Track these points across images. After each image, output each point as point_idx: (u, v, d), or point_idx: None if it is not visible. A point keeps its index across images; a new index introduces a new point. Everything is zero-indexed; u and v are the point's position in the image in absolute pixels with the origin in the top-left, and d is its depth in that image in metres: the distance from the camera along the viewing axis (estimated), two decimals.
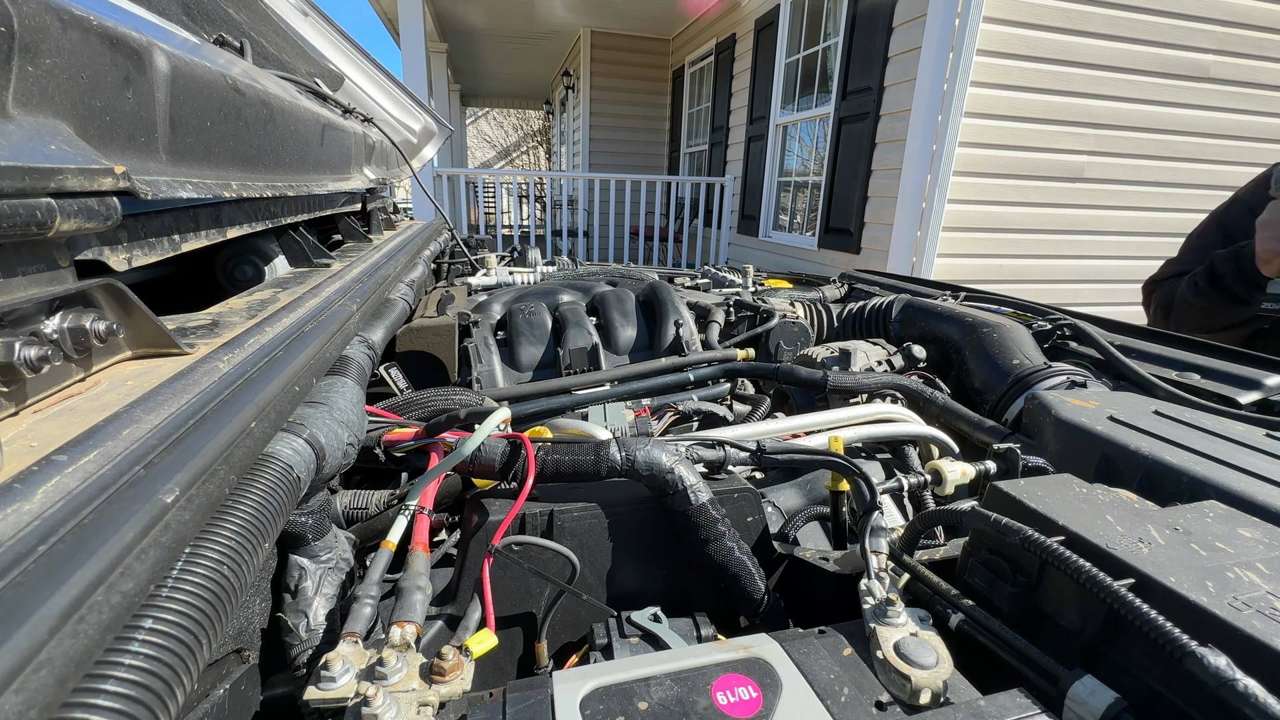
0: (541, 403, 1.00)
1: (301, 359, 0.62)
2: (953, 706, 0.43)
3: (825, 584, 0.64)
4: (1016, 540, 0.47)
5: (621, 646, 0.58)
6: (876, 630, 0.48)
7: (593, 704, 0.43)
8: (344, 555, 0.65)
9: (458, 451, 0.65)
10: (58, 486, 0.34)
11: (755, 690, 0.44)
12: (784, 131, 6.20)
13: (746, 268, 1.87)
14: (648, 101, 9.20)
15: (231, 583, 0.38)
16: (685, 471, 0.64)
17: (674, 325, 1.27)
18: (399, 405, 0.89)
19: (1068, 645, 0.47)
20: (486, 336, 1.22)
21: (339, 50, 2.27)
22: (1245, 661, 0.35)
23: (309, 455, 0.55)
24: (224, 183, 0.78)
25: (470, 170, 9.00)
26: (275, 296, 0.84)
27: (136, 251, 0.63)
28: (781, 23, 5.86)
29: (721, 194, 7.03)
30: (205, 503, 0.40)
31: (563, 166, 13.42)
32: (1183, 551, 0.45)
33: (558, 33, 8.80)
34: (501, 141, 22.32)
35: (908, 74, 4.13)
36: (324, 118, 1.29)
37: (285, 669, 0.58)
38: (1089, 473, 0.70)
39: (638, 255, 7.53)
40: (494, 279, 1.86)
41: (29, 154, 0.42)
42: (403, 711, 0.43)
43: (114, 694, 0.29)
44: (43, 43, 0.45)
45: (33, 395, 0.44)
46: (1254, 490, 0.58)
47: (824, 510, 0.83)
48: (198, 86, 0.71)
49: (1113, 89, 3.97)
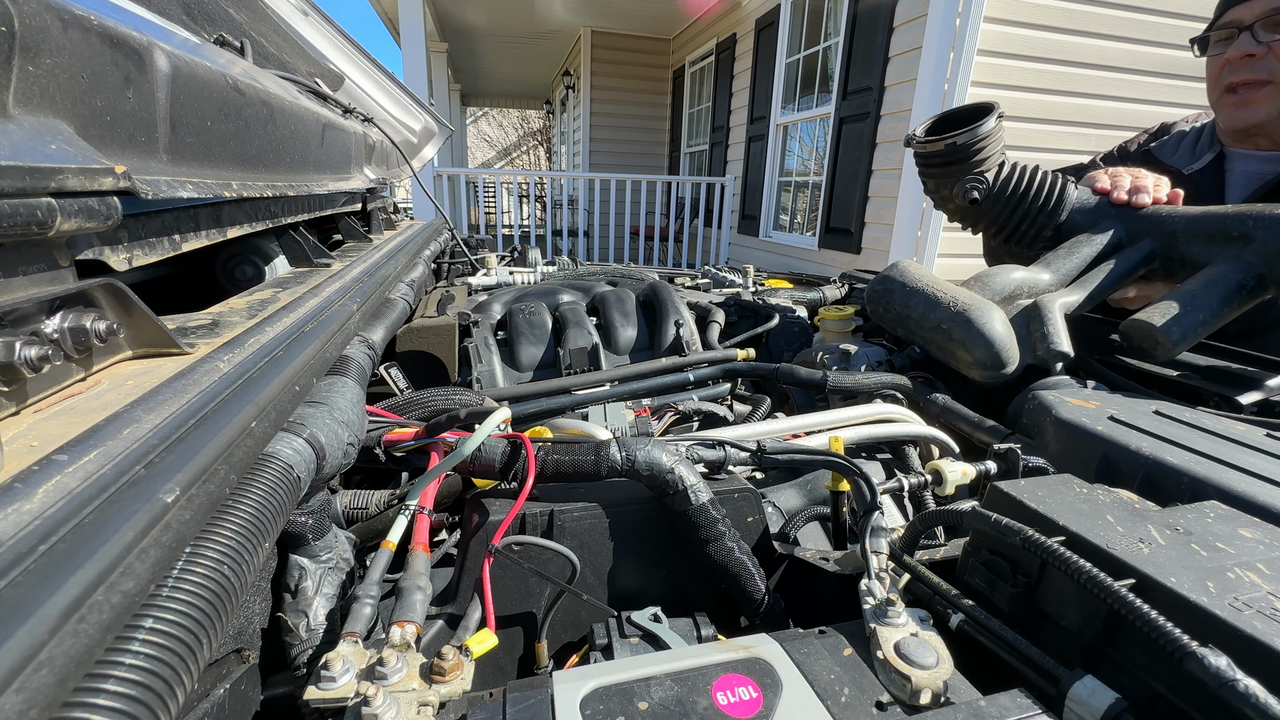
0: (541, 403, 1.00)
1: (302, 359, 0.62)
2: (953, 707, 0.42)
3: (825, 584, 0.64)
4: (1017, 540, 0.47)
5: (622, 646, 0.58)
6: (877, 630, 0.48)
7: (593, 704, 0.43)
8: (344, 555, 0.65)
9: (458, 451, 0.65)
10: (58, 486, 0.34)
11: (755, 690, 0.44)
12: (784, 131, 6.20)
13: (747, 268, 1.87)
14: (648, 101, 9.20)
15: (232, 582, 0.38)
16: (685, 471, 0.64)
17: (674, 325, 1.27)
18: (399, 405, 0.89)
19: (1068, 645, 0.47)
20: (486, 336, 1.22)
21: (339, 50, 2.27)
22: (1246, 662, 0.35)
23: (309, 455, 0.55)
24: (224, 182, 0.78)
25: (470, 170, 9.01)
26: (275, 296, 0.84)
27: (137, 251, 0.63)
28: (782, 23, 5.86)
29: (722, 194, 7.03)
30: (206, 502, 0.40)
31: (563, 166, 13.42)
32: (1183, 552, 0.45)
33: (558, 32, 8.80)
34: (501, 141, 22.33)
35: (908, 74, 4.13)
36: (324, 118, 1.29)
37: (285, 669, 0.58)
38: (1089, 473, 0.70)
39: (638, 255, 7.53)
40: (494, 279, 1.86)
41: (30, 154, 0.42)
42: (403, 711, 0.43)
43: (115, 693, 0.29)
44: (43, 42, 0.45)
45: (33, 395, 0.44)
46: (1255, 490, 0.58)
47: (824, 510, 0.83)
48: (198, 86, 0.71)
49: (1113, 89, 3.97)
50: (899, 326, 1.07)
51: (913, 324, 1.03)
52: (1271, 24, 1.14)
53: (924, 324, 1.01)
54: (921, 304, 1.01)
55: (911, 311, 1.03)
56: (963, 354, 0.96)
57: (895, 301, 1.06)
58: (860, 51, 4.71)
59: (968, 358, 0.96)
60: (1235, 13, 1.19)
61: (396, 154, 2.08)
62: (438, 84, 9.13)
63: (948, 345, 0.98)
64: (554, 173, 7.94)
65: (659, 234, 7.80)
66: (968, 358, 0.96)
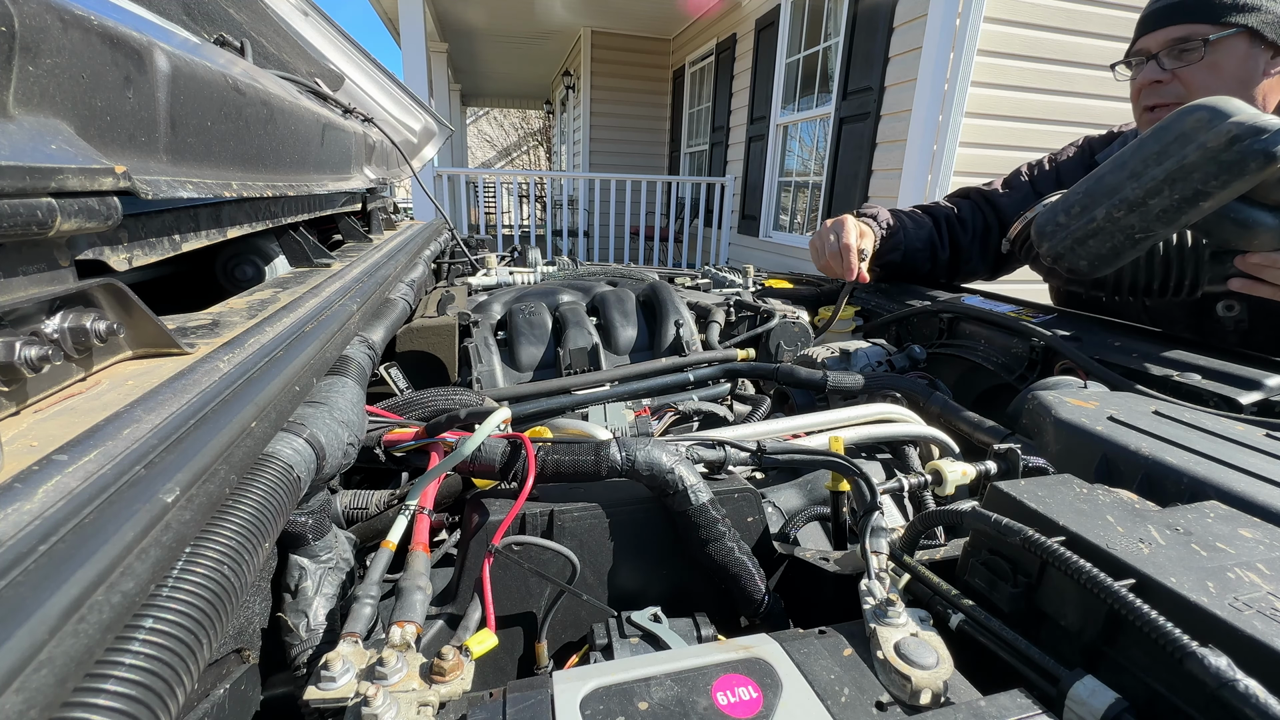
0: (541, 403, 1.00)
1: (302, 359, 0.62)
2: (953, 707, 0.42)
3: (825, 584, 0.64)
4: (1017, 540, 0.47)
5: (622, 646, 0.58)
6: (877, 630, 0.48)
7: (593, 704, 0.43)
8: (344, 555, 0.65)
9: (458, 451, 0.65)
10: (58, 486, 0.34)
11: (755, 690, 0.44)
12: (784, 131, 6.20)
13: (747, 268, 1.87)
14: (648, 101, 9.20)
15: (232, 582, 0.38)
16: (685, 471, 0.64)
17: (674, 325, 1.27)
18: (399, 405, 0.89)
19: (1068, 645, 0.47)
20: (486, 336, 1.22)
21: (339, 50, 2.27)
22: (1246, 662, 0.35)
23: (309, 455, 0.55)
24: (224, 182, 0.78)
25: (470, 170, 9.01)
26: (275, 296, 0.84)
27: (137, 251, 0.63)
28: (782, 23, 5.86)
29: (722, 194, 7.03)
30: (206, 502, 0.40)
31: (563, 166, 13.42)
32: (1183, 552, 0.45)
33: (558, 33, 8.80)
34: (501, 141, 22.33)
35: (908, 74, 4.13)
36: (324, 118, 1.29)
37: (285, 669, 0.58)
38: (1089, 473, 0.70)
39: (638, 255, 7.54)
40: (494, 279, 1.85)
41: (30, 154, 0.42)
42: (403, 711, 0.43)
43: (115, 694, 0.29)
44: (43, 42, 0.45)
45: (33, 395, 0.44)
46: (1255, 491, 0.58)
47: (824, 510, 0.83)
48: (198, 86, 0.71)
49: (1113, 89, 3.95)
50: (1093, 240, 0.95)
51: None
52: (1174, 53, 1.21)
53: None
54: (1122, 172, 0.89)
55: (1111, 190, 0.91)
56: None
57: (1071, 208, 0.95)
58: (860, 51, 4.72)
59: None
60: (1143, 41, 1.27)
61: (396, 154, 2.08)
62: (438, 84, 9.13)
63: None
64: (554, 173, 7.95)
65: (659, 234, 7.80)
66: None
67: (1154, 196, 0.88)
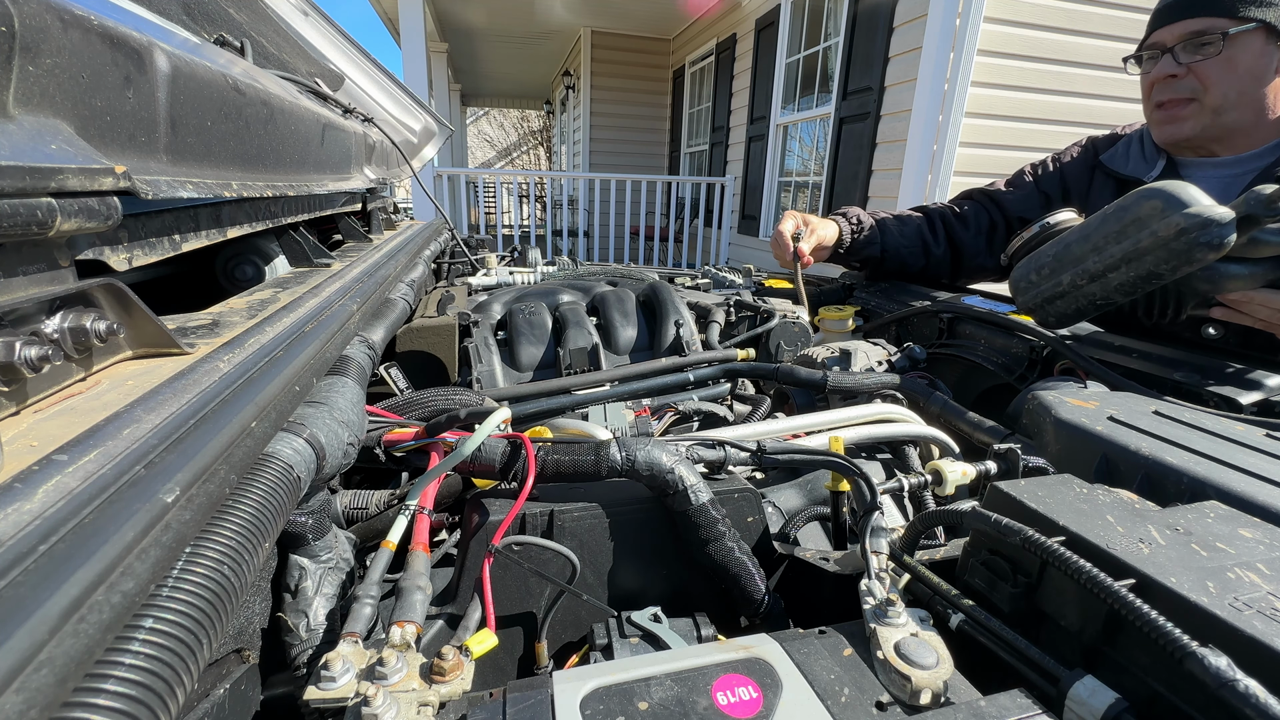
0: (541, 403, 1.00)
1: (302, 359, 0.62)
2: (953, 707, 0.42)
3: (825, 584, 0.64)
4: (1017, 540, 0.47)
5: (622, 646, 0.58)
6: (877, 630, 0.48)
7: (593, 704, 0.43)
8: (344, 555, 0.65)
9: (458, 451, 0.65)
10: (58, 486, 0.34)
11: (755, 690, 0.44)
12: (784, 131, 6.20)
13: (747, 268, 1.87)
14: (648, 101, 9.20)
15: (232, 582, 0.38)
16: (685, 471, 0.64)
17: (674, 325, 1.27)
18: (399, 405, 0.89)
19: (1068, 645, 0.47)
20: (486, 336, 1.22)
21: (339, 50, 2.27)
22: (1246, 662, 0.35)
23: (309, 455, 0.55)
24: (224, 182, 0.78)
25: (470, 170, 9.01)
26: (275, 296, 0.84)
27: (137, 251, 0.63)
28: (782, 23, 5.86)
29: (722, 194, 7.03)
30: (206, 502, 0.40)
31: (563, 166, 13.42)
32: (1183, 552, 0.45)
33: (558, 33, 8.80)
34: (501, 141, 22.34)
35: (908, 74, 4.13)
36: (324, 118, 1.29)
37: (285, 669, 0.58)
38: (1089, 473, 0.70)
39: (638, 255, 7.54)
40: (494, 279, 1.85)
41: (30, 154, 0.42)
42: (403, 711, 0.43)
43: (115, 694, 0.29)
44: (43, 42, 0.45)
45: (33, 395, 0.44)
46: (1255, 491, 0.58)
47: (824, 510, 0.83)
48: (198, 86, 0.71)
49: (1113, 89, 3.97)
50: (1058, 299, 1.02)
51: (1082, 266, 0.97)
52: (1191, 47, 1.19)
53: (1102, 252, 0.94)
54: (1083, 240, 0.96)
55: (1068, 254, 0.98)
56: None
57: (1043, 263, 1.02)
58: (860, 51, 4.72)
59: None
60: (1158, 35, 1.24)
61: (396, 154, 2.08)
62: (438, 84, 9.13)
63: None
64: (554, 173, 7.95)
65: (659, 234, 7.80)
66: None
67: (1112, 271, 0.93)
